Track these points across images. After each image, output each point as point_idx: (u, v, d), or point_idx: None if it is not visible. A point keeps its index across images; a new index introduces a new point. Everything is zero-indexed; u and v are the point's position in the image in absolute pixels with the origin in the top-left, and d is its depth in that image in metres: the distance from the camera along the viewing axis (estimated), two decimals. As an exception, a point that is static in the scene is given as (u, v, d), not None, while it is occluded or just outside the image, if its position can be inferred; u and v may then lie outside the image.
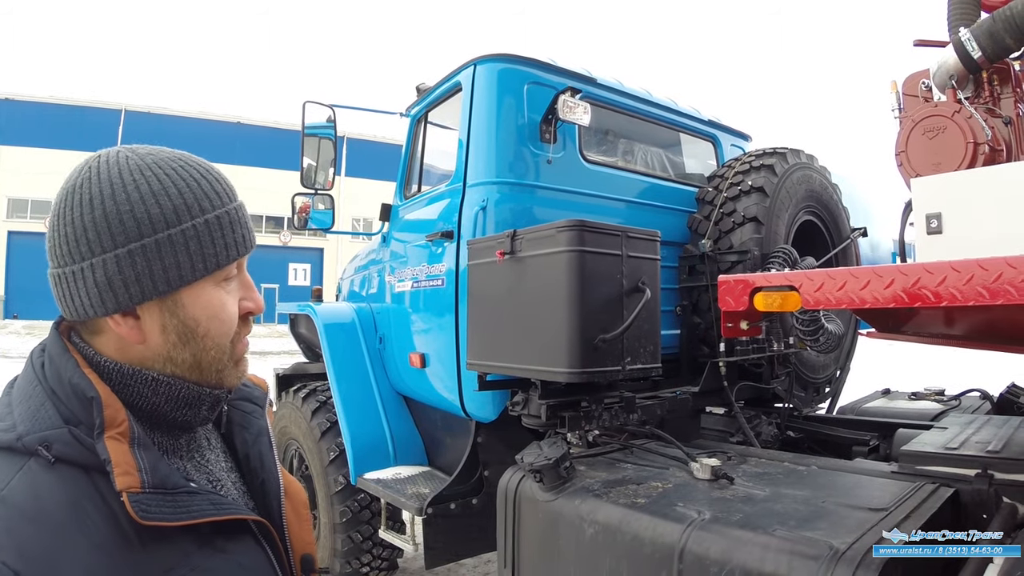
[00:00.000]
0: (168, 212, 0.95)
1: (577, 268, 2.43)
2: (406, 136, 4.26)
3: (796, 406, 3.79)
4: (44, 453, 0.87)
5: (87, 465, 0.89)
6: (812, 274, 1.85)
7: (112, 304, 0.94)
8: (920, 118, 2.60)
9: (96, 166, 0.96)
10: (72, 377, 0.93)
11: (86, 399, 0.92)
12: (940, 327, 2.51)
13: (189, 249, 0.97)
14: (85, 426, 0.90)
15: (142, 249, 0.93)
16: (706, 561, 1.82)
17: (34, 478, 0.86)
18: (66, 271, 0.94)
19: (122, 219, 0.93)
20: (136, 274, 0.94)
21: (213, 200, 1.01)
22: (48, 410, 0.91)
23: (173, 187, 0.97)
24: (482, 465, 3.54)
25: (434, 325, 3.62)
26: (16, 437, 0.88)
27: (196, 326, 1.01)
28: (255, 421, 1.23)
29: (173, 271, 0.96)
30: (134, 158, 0.97)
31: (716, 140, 4.59)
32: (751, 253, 3.43)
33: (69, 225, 0.93)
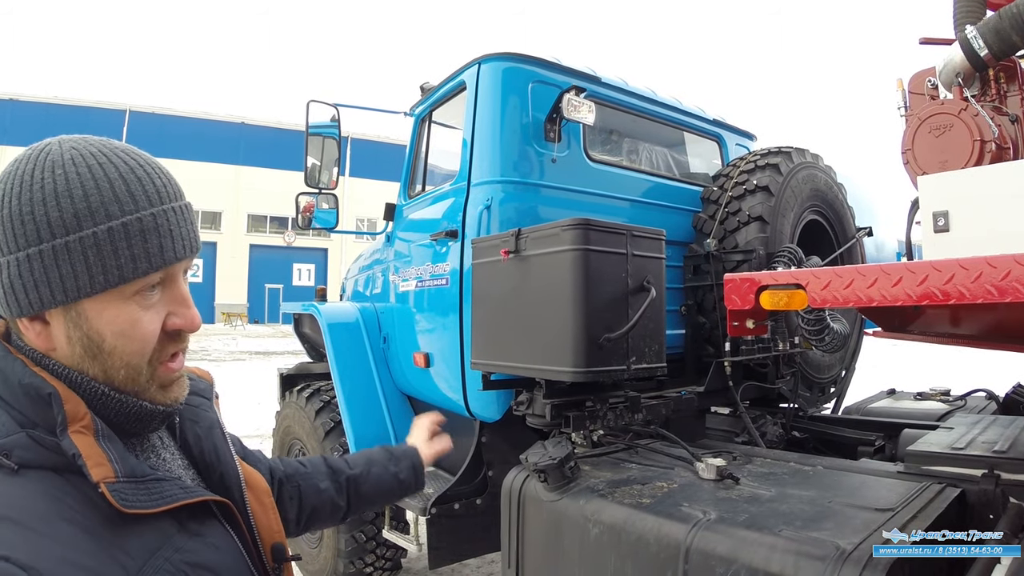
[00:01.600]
0: (67, 216, 0.90)
1: (582, 267, 2.42)
2: (410, 135, 4.25)
3: (801, 406, 3.78)
4: (5, 462, 0.85)
5: (54, 466, 0.88)
6: (819, 272, 1.84)
7: (16, 308, 0.92)
8: (926, 116, 2.59)
9: (22, 158, 0.93)
10: (22, 378, 0.91)
11: (42, 396, 0.89)
12: (947, 326, 2.49)
13: (87, 259, 0.91)
14: (42, 427, 0.89)
15: (39, 254, 0.89)
16: (712, 561, 1.80)
17: (1, 485, 0.84)
18: None
19: (23, 220, 0.89)
20: (35, 280, 0.90)
21: (125, 204, 0.94)
22: (0, 417, 0.89)
23: (79, 188, 0.91)
24: (486, 465, 3.53)
25: (438, 324, 3.61)
26: None
27: (101, 341, 0.95)
28: (204, 414, 1.21)
29: (69, 281, 0.91)
30: (55, 153, 0.92)
31: (721, 139, 4.58)
32: (756, 252, 3.42)
33: None
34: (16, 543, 0.78)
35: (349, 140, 37.54)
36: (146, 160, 1.00)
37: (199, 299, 29.71)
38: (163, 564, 0.90)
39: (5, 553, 0.76)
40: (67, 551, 0.81)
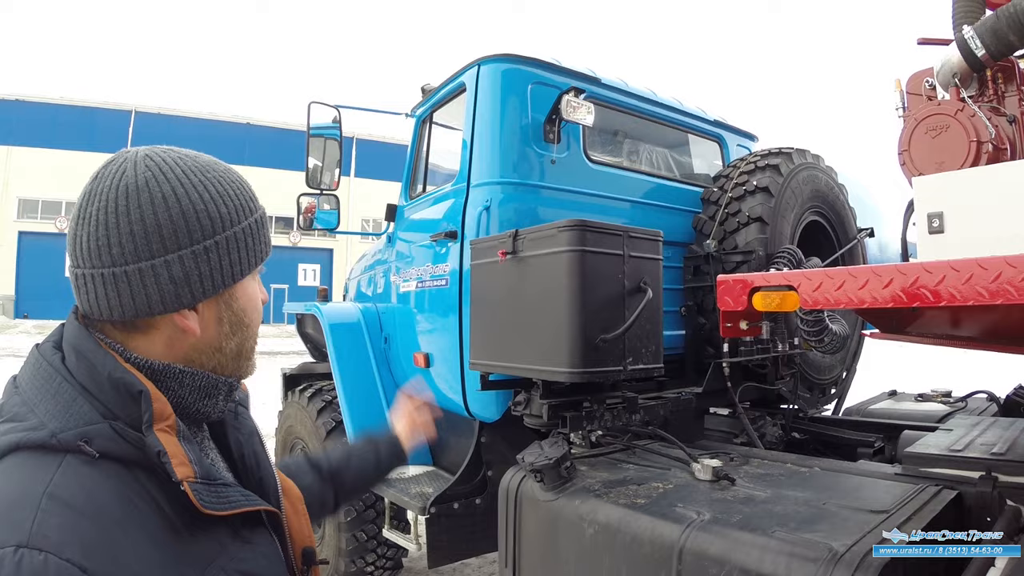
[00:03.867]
0: (233, 211, 1.01)
1: (578, 268, 2.43)
2: (411, 136, 4.27)
3: (801, 407, 3.77)
4: (87, 448, 0.86)
5: (128, 460, 0.89)
6: (810, 274, 1.84)
7: (187, 298, 0.97)
8: (923, 117, 2.58)
9: (155, 164, 0.96)
10: (113, 372, 0.92)
11: (132, 394, 0.92)
12: (944, 328, 2.48)
13: (246, 246, 1.04)
14: (122, 421, 0.91)
15: (215, 246, 0.98)
16: (705, 562, 1.80)
17: (78, 473, 0.85)
18: (130, 269, 0.93)
19: (199, 218, 0.96)
20: (211, 269, 0.98)
21: (254, 202, 1.08)
22: (81, 406, 0.90)
23: (230, 189, 1.02)
24: (485, 465, 3.54)
25: (438, 325, 3.62)
26: (49, 434, 0.86)
27: (244, 316, 1.08)
28: (245, 422, 1.24)
29: (236, 266, 1.02)
30: (187, 160, 1.00)
31: (722, 140, 4.59)
32: (756, 253, 3.42)
33: (138, 223, 0.92)
34: (95, 549, 0.79)
35: (355, 140, 37.63)
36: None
37: None
38: (218, 573, 0.93)
39: (82, 562, 0.77)
40: (139, 564, 0.83)
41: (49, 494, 0.81)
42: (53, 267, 34.49)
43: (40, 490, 0.81)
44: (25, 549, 0.75)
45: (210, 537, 0.94)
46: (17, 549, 0.75)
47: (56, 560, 0.75)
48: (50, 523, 0.78)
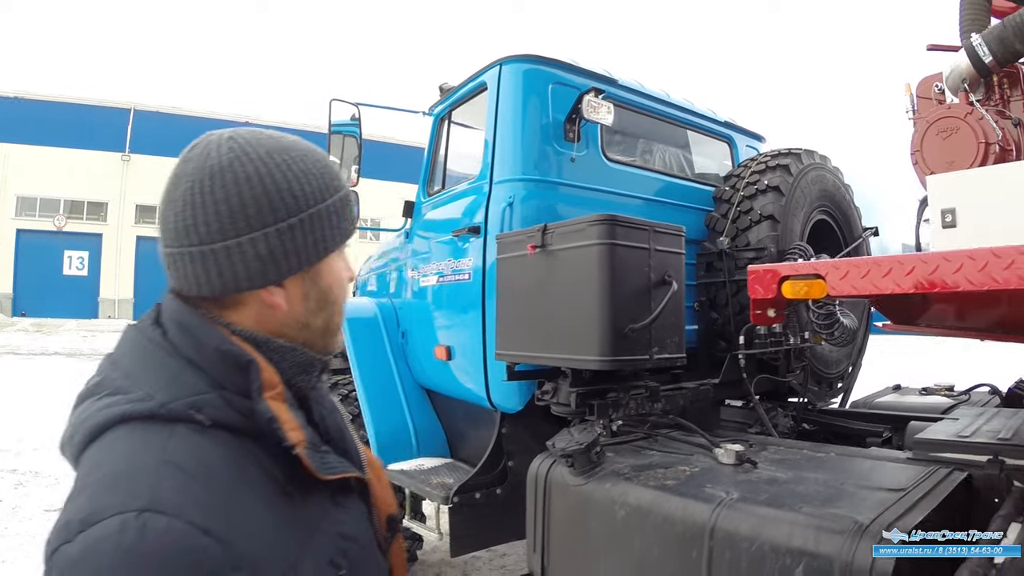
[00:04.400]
0: (317, 189, 1.02)
1: (608, 260, 2.54)
2: (429, 134, 4.36)
3: (811, 400, 3.89)
4: (198, 417, 0.88)
5: (237, 428, 0.92)
6: (837, 263, 1.95)
7: (274, 274, 0.99)
8: (935, 119, 2.72)
9: (239, 146, 0.98)
10: (220, 344, 0.95)
11: (240, 364, 0.95)
12: (952, 318, 2.60)
13: (331, 223, 1.05)
14: (229, 391, 0.93)
15: (300, 224, 1.00)
16: (736, 537, 1.90)
17: (190, 441, 0.87)
18: (217, 247, 0.95)
19: (282, 196, 0.98)
20: (296, 246, 1.00)
21: (339, 181, 1.09)
22: (189, 377, 0.92)
23: (314, 168, 1.04)
24: (506, 455, 3.61)
25: (460, 318, 3.71)
26: (158, 404, 0.88)
27: (329, 292, 1.09)
28: (326, 397, 1.27)
29: (320, 243, 1.03)
30: (271, 140, 1.02)
31: (731, 141, 4.70)
32: (768, 250, 3.53)
33: (224, 202, 0.94)
34: (214, 511, 0.82)
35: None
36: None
37: None
38: (322, 537, 0.97)
39: (204, 524, 0.79)
40: (255, 525, 0.86)
41: (165, 461, 0.83)
42: (51, 265, 34.45)
43: (156, 457, 0.83)
44: (148, 513, 0.77)
45: (314, 501, 0.98)
46: (140, 514, 0.76)
47: (178, 523, 0.77)
48: (169, 488, 0.80)
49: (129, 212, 35.09)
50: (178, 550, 0.76)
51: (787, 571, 1.79)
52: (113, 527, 0.75)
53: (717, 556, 1.94)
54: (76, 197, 35.04)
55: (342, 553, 0.99)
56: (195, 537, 0.78)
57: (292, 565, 0.89)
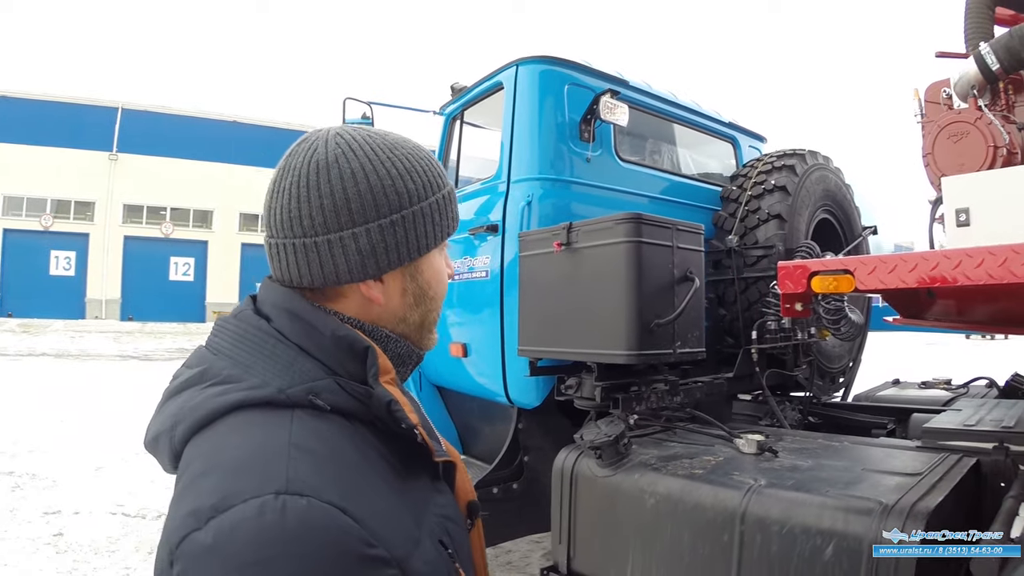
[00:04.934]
0: (420, 187, 1.03)
1: (635, 257, 2.64)
2: (440, 134, 4.44)
3: (816, 393, 4.00)
4: (317, 402, 0.89)
5: (352, 412, 0.93)
6: (865, 259, 2.07)
7: (373, 269, 1.00)
8: (946, 123, 2.85)
9: (345, 142, 1.00)
10: (337, 330, 0.96)
11: (356, 350, 0.96)
12: (960, 312, 2.73)
13: (433, 220, 1.06)
14: (343, 376, 0.94)
15: (402, 220, 1.01)
16: (767, 521, 2.01)
17: (312, 425, 0.88)
18: (320, 240, 0.97)
19: (385, 192, 0.99)
20: (396, 242, 1.00)
21: (443, 179, 1.10)
22: (304, 364, 0.93)
23: (419, 165, 1.04)
24: (522, 451, 3.66)
25: (477, 315, 3.78)
26: (276, 390, 0.89)
27: (428, 288, 1.10)
28: (408, 389, 1.29)
29: (422, 240, 1.04)
30: (377, 137, 1.03)
31: (735, 141, 4.81)
32: (776, 248, 3.64)
33: (328, 197, 0.96)
34: (348, 491, 0.82)
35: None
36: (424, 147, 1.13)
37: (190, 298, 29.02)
38: (430, 517, 0.97)
39: (341, 503, 0.80)
40: (384, 504, 0.88)
41: (294, 444, 0.83)
42: (38, 265, 34.18)
43: (284, 440, 0.83)
44: (286, 495, 0.76)
45: (422, 482, 0.99)
46: (278, 495, 0.76)
47: (318, 503, 0.77)
48: (304, 469, 0.80)
49: (116, 212, 34.80)
50: (321, 529, 0.77)
51: (817, 551, 1.89)
52: (251, 510, 0.75)
53: (748, 539, 2.05)
54: (63, 196, 34.79)
55: (447, 533, 1.00)
56: (335, 516, 0.78)
57: (416, 542, 0.91)
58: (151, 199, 34.78)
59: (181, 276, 36.53)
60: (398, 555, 0.84)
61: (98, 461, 7.31)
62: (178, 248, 36.03)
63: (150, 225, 35.31)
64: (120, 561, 4.61)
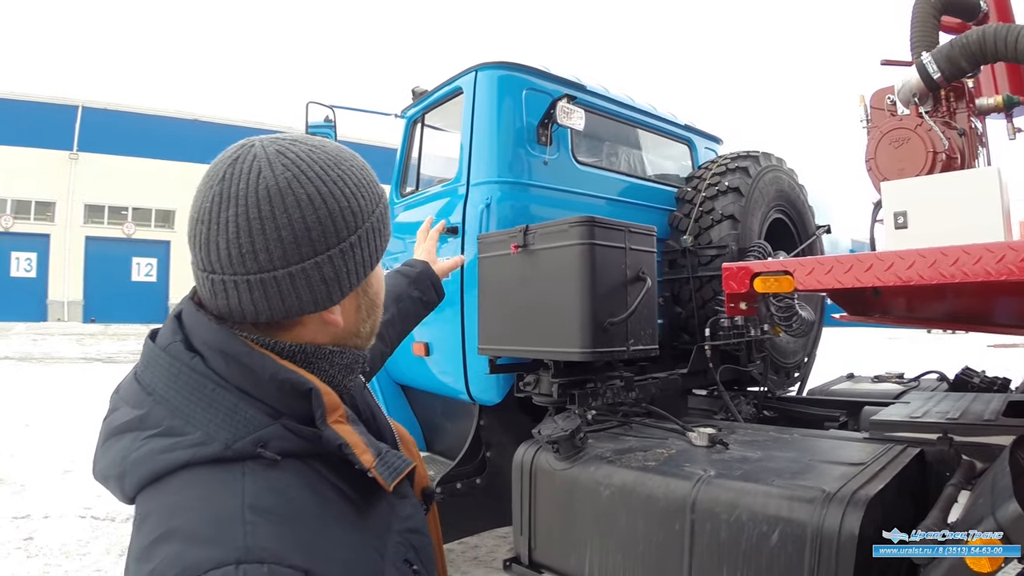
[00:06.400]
0: (369, 201, 1.00)
1: (588, 259, 2.72)
2: (402, 137, 4.48)
3: (770, 388, 4.12)
4: (267, 454, 0.86)
5: (304, 453, 0.90)
6: (804, 261, 2.16)
7: (337, 295, 0.97)
8: (887, 130, 2.97)
9: (291, 163, 0.93)
10: (277, 373, 0.91)
11: (300, 393, 0.91)
12: (904, 310, 2.83)
13: (381, 233, 1.02)
14: (289, 417, 0.91)
15: (358, 240, 0.97)
16: (716, 510, 2.10)
17: (266, 478, 0.85)
18: (280, 274, 0.91)
19: (343, 215, 0.94)
20: (355, 263, 0.97)
21: (379, 186, 1.06)
22: (246, 411, 0.89)
23: (364, 178, 1.01)
24: (484, 446, 3.74)
25: (438, 315, 3.77)
26: (223, 447, 0.85)
27: (376, 297, 1.09)
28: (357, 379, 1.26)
29: (376, 252, 1.01)
30: (319, 152, 0.97)
31: (691, 143, 4.90)
32: (729, 248, 3.74)
33: (286, 228, 0.90)
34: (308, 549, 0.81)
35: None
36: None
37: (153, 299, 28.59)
38: (395, 536, 0.98)
39: (303, 564, 0.79)
40: (345, 551, 0.87)
41: (249, 506, 0.81)
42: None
43: (238, 503, 0.81)
44: (247, 565, 0.75)
45: (382, 503, 0.98)
46: (238, 565, 0.75)
47: (279, 568, 0.76)
48: (262, 534, 0.78)
49: (78, 211, 34.14)
50: None
51: (764, 537, 1.98)
52: None
53: (699, 527, 2.13)
54: (23, 197, 34.16)
55: (412, 549, 1.01)
56: None
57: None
58: (112, 199, 34.16)
59: (144, 277, 35.93)
60: None
61: (66, 464, 7.21)
62: (140, 248, 35.42)
63: (112, 225, 34.69)
64: (91, 564, 4.58)
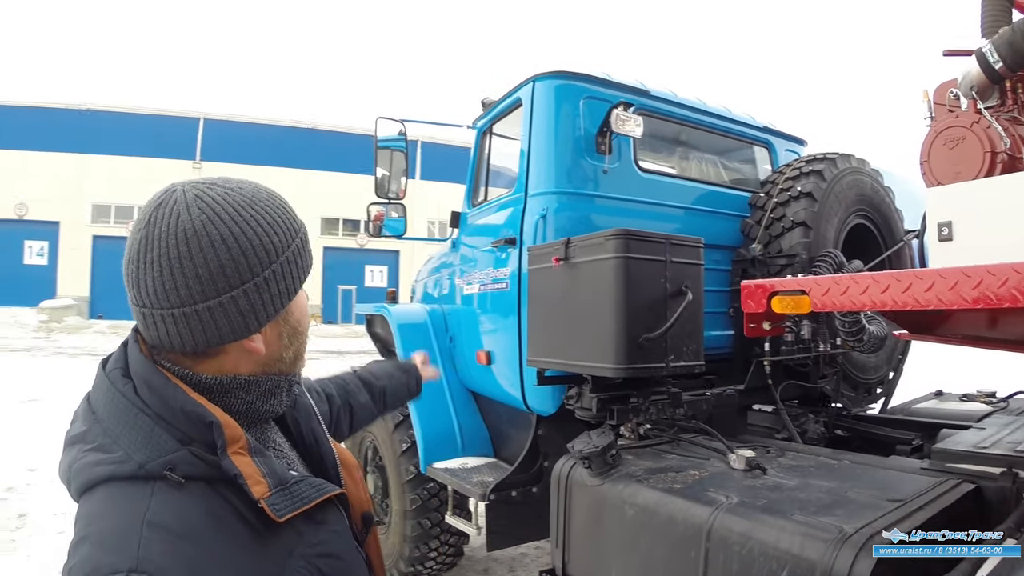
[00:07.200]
0: (284, 237, 1.11)
1: (623, 273, 2.66)
2: (473, 147, 4.52)
3: (846, 406, 3.90)
4: (173, 476, 0.97)
5: (210, 478, 1.01)
6: (820, 280, 2.03)
7: (255, 325, 1.08)
8: (941, 128, 2.70)
9: (207, 206, 1.04)
10: (184, 405, 1.03)
11: (204, 424, 1.02)
12: (973, 329, 2.61)
13: (298, 264, 1.14)
14: (198, 444, 1.02)
15: (272, 274, 1.08)
16: (729, 540, 2.00)
17: (169, 499, 0.96)
18: (200, 307, 1.02)
19: (255, 252, 1.05)
20: (271, 295, 1.09)
21: (296, 222, 1.17)
22: (160, 436, 1.01)
23: (277, 216, 1.12)
24: (542, 456, 3.76)
25: (499, 325, 3.87)
26: (137, 466, 0.97)
27: (299, 325, 1.20)
28: (301, 401, 1.38)
29: (292, 285, 1.13)
30: (234, 195, 1.09)
31: (771, 146, 4.72)
32: (799, 257, 3.57)
33: (202, 267, 1.01)
34: (194, 566, 0.92)
35: (419, 144, 38.10)
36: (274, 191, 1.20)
37: None
38: (298, 561, 1.06)
39: None
40: (228, 571, 0.95)
41: (148, 522, 0.92)
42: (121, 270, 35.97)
43: (139, 519, 0.92)
44: (135, 574, 0.87)
45: (288, 529, 1.05)
46: (129, 573, 0.86)
47: None
48: (153, 549, 0.89)
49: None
50: None
51: (773, 575, 1.88)
52: None
53: (713, 557, 2.04)
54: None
55: (319, 572, 1.08)
56: None
57: None
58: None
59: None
60: None
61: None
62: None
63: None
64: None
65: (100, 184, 36.08)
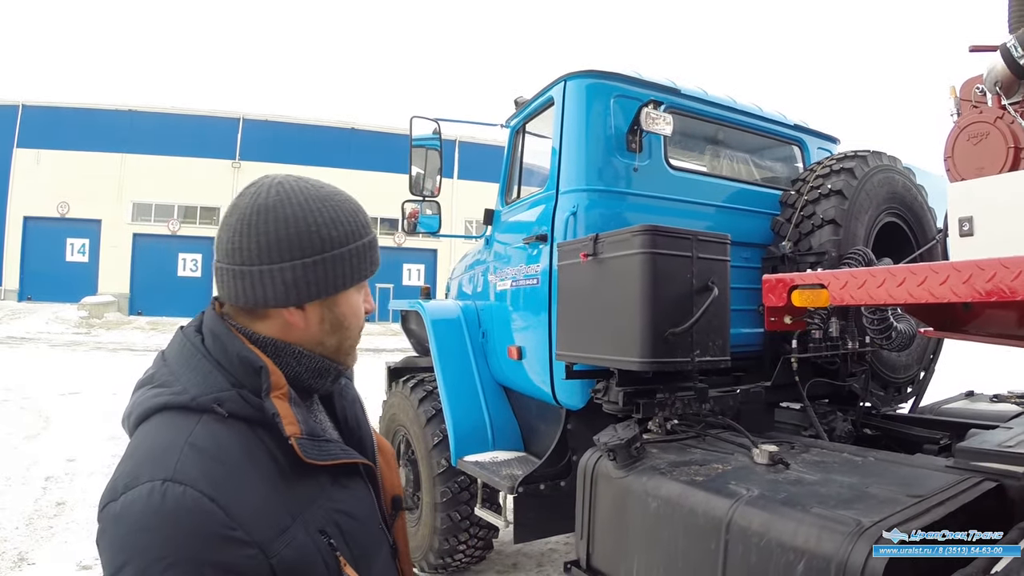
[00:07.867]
0: (341, 235, 1.23)
1: (649, 268, 2.70)
2: (506, 145, 4.59)
3: (875, 404, 3.90)
4: (219, 410, 1.10)
5: (251, 419, 1.13)
6: (838, 273, 2.05)
7: (294, 298, 1.20)
8: (965, 124, 2.68)
9: (284, 191, 1.20)
10: (240, 351, 1.17)
11: (254, 368, 1.16)
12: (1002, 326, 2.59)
13: (351, 264, 1.25)
14: (247, 389, 1.15)
15: (322, 261, 1.20)
16: (748, 532, 2.05)
17: (212, 428, 1.09)
18: (254, 269, 1.16)
19: (311, 237, 1.18)
20: (316, 278, 1.20)
21: (365, 229, 1.29)
22: (216, 376, 1.15)
23: (342, 217, 1.24)
24: (571, 450, 3.80)
25: (530, 320, 3.93)
26: (191, 398, 1.11)
27: (343, 320, 1.29)
28: (349, 391, 1.50)
29: (339, 279, 1.24)
30: (312, 189, 1.23)
31: (803, 144, 4.71)
32: (829, 255, 3.57)
33: (264, 235, 1.16)
34: (221, 484, 1.03)
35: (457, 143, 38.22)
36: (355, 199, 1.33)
37: None
38: (317, 510, 1.17)
39: (211, 493, 1.01)
40: (254, 497, 1.06)
41: (190, 443, 1.05)
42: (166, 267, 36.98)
43: (183, 440, 1.05)
44: (169, 483, 0.99)
45: (313, 481, 1.18)
46: (164, 482, 0.99)
47: (192, 491, 0.99)
48: (188, 463, 1.02)
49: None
50: (188, 511, 0.98)
51: (790, 567, 1.92)
52: (144, 491, 0.99)
53: (732, 549, 2.09)
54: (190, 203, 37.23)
55: (334, 524, 1.19)
56: (202, 503, 1.00)
57: (283, 529, 1.09)
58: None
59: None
60: (259, 539, 1.04)
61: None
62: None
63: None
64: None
65: (140, 183, 36.93)
